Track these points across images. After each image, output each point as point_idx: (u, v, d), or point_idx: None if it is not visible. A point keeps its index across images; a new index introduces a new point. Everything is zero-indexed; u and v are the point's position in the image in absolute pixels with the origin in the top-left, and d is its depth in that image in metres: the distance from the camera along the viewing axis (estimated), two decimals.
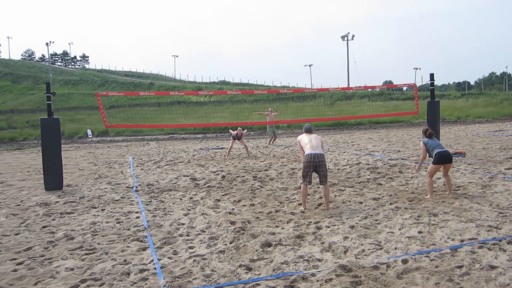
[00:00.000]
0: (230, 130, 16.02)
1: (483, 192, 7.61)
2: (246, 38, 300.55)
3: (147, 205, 7.77)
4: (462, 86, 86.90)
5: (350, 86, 55.80)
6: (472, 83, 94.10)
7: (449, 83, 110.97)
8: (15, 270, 4.74)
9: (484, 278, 4.08)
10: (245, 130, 15.66)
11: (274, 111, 18.44)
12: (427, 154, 7.75)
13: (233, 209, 7.25)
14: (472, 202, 6.91)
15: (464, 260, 4.50)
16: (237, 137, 15.22)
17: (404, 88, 57.59)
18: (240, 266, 4.63)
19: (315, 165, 6.98)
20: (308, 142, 7.16)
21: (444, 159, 7.36)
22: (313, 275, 4.31)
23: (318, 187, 8.50)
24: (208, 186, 9.43)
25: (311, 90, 53.49)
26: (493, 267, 4.31)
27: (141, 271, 4.58)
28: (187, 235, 5.83)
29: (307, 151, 7.08)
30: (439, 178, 9.09)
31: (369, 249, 4.99)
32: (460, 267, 4.35)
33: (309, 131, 7.36)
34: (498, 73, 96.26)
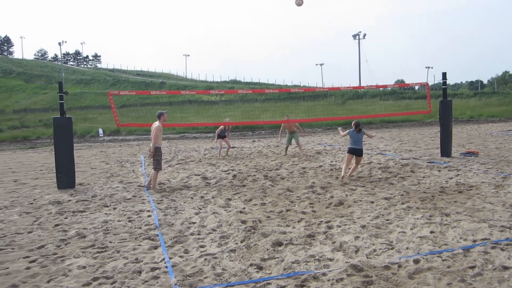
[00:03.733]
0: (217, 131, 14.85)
1: (496, 192, 7.53)
2: (258, 37, 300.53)
3: (158, 203, 7.81)
4: (475, 85, 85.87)
5: (362, 85, 55.66)
6: (485, 82, 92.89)
7: (461, 82, 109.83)
8: (28, 268, 4.79)
9: (497, 278, 4.03)
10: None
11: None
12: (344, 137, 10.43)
13: (244, 208, 7.25)
14: (485, 202, 6.84)
15: (477, 260, 4.45)
16: (223, 135, 14.62)
17: (416, 87, 57.27)
18: (251, 265, 4.63)
19: None
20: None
21: (352, 152, 9.55)
22: (324, 274, 4.30)
23: (329, 189, 8.48)
24: (219, 185, 9.45)
25: (322, 89, 53.31)
26: (506, 268, 4.25)
27: (153, 269, 4.60)
28: (198, 234, 5.84)
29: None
30: (451, 178, 9.02)
31: (380, 249, 4.96)
32: (472, 267, 4.30)
33: None
34: (511, 72, 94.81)
